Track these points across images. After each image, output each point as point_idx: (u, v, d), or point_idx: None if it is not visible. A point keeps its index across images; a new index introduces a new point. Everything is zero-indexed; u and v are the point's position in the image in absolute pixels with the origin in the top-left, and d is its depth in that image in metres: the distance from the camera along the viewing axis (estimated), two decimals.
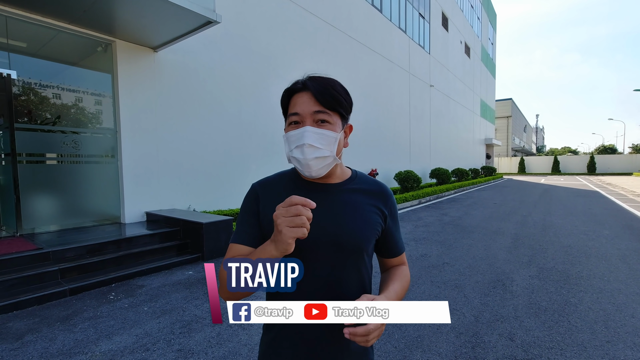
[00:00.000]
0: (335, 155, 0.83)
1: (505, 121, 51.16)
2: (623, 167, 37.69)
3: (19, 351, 2.44)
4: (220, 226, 4.87)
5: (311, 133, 0.80)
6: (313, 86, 0.81)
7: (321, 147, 0.80)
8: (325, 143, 0.81)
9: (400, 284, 0.90)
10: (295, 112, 0.82)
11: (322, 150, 0.80)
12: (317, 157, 0.80)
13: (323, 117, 0.81)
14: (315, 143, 0.79)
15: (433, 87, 18.13)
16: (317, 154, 0.80)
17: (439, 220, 7.84)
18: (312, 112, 0.81)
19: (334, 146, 0.83)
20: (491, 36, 32.49)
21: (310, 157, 0.80)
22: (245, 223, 0.88)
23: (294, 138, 0.82)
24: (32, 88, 4.91)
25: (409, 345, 2.50)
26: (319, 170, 0.82)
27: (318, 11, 9.59)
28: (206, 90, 6.57)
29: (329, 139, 0.81)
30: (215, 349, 2.46)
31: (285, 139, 0.85)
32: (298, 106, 0.82)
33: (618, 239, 5.85)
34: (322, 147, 0.80)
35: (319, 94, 0.81)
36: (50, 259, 3.74)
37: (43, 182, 4.84)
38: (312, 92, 0.81)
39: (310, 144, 0.79)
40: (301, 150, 0.80)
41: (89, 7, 4.33)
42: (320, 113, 0.81)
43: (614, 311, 3.02)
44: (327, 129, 0.81)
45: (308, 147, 0.79)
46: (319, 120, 0.81)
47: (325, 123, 0.82)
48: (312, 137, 0.79)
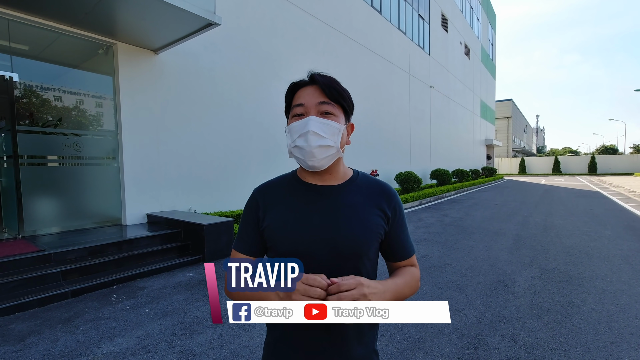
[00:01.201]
0: (338, 147, 0.83)
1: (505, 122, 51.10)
2: (624, 168, 37.57)
3: (21, 353, 2.44)
4: (222, 228, 4.87)
5: (315, 122, 0.80)
6: (320, 79, 0.83)
7: (325, 136, 0.80)
8: (329, 133, 0.81)
9: (404, 279, 0.86)
10: (300, 103, 0.83)
11: (326, 139, 0.80)
12: (321, 146, 0.80)
13: (328, 108, 0.82)
14: (319, 131, 0.80)
15: (433, 88, 18.13)
16: (321, 142, 0.80)
17: (440, 221, 7.82)
18: (317, 103, 0.82)
19: (337, 137, 0.83)
20: (491, 37, 32.50)
21: (314, 145, 0.80)
22: (245, 231, 0.89)
23: (297, 128, 0.82)
24: (34, 91, 4.93)
25: (411, 346, 2.49)
26: (322, 160, 0.82)
27: (318, 13, 9.62)
28: (207, 92, 6.59)
29: (332, 129, 0.82)
30: (217, 350, 2.46)
31: (288, 130, 0.85)
32: (303, 97, 0.83)
33: (620, 239, 5.82)
34: (326, 136, 0.81)
35: (325, 86, 0.82)
36: (52, 260, 3.75)
37: (45, 184, 4.86)
38: (319, 84, 0.82)
39: (315, 132, 0.79)
40: (305, 138, 0.80)
41: (91, 10, 4.35)
42: (325, 104, 0.82)
43: (617, 312, 3.00)
44: (332, 120, 0.82)
45: (312, 135, 0.79)
46: (324, 111, 0.82)
47: (330, 115, 0.83)
48: (316, 125, 0.80)
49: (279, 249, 0.84)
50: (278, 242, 0.85)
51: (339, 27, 10.52)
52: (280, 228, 0.85)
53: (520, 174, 40.75)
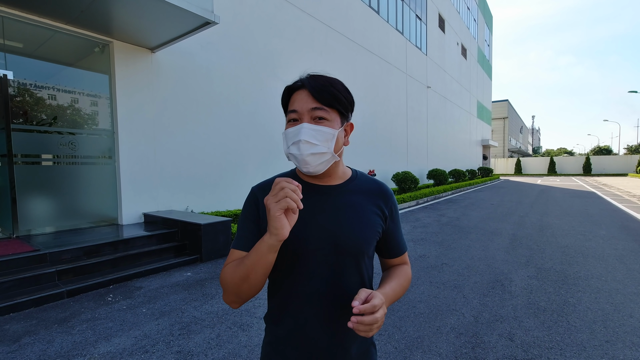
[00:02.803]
0: (333, 152, 0.83)
1: (501, 122, 51.43)
2: (618, 168, 37.96)
3: (17, 353, 2.41)
4: (219, 227, 4.85)
5: (307, 129, 0.80)
6: (310, 84, 0.82)
7: (317, 144, 0.80)
8: (322, 139, 0.81)
9: (398, 282, 0.90)
10: (294, 109, 0.83)
11: (318, 146, 0.80)
12: (314, 154, 0.80)
13: (320, 114, 0.81)
14: (311, 139, 0.79)
15: (430, 88, 18.20)
16: (313, 150, 0.80)
17: (437, 221, 7.85)
18: (309, 109, 0.81)
19: (331, 143, 0.82)
20: (487, 38, 32.67)
21: (306, 153, 0.80)
22: (245, 229, 0.89)
23: (291, 135, 0.82)
24: (28, 89, 4.88)
25: (409, 345, 2.50)
26: (317, 166, 0.82)
27: (315, 12, 9.61)
28: (204, 91, 6.56)
29: (325, 135, 0.81)
30: (215, 350, 2.44)
31: (284, 136, 0.85)
32: (296, 103, 0.82)
33: (615, 239, 5.88)
34: (318, 143, 0.80)
35: (316, 91, 0.81)
36: (47, 260, 3.71)
37: (39, 183, 4.80)
38: (309, 89, 0.81)
39: (307, 140, 0.79)
40: (297, 146, 0.80)
41: (87, 8, 4.31)
42: (318, 110, 0.81)
43: (612, 311, 3.03)
44: (324, 126, 0.81)
45: (304, 144, 0.79)
46: (317, 117, 0.81)
47: (323, 120, 0.82)
48: (308, 133, 0.79)
49: (281, 247, 0.84)
50: None
51: (336, 26, 10.52)
52: None
53: (516, 174, 41.05)
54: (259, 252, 0.73)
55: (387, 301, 0.80)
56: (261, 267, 0.74)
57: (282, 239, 0.70)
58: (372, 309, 0.70)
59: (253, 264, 0.74)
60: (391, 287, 0.87)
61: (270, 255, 0.73)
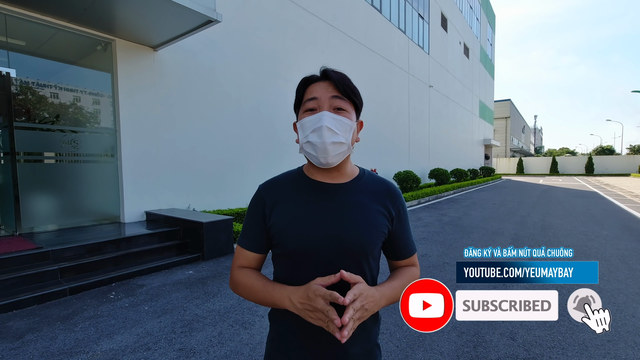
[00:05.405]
0: (350, 144, 0.83)
1: (503, 122, 51.27)
2: (621, 168, 37.81)
3: (20, 350, 2.43)
4: (220, 226, 4.86)
5: (329, 117, 0.80)
6: (333, 75, 0.83)
7: (338, 133, 0.80)
8: (342, 129, 0.81)
9: (400, 282, 0.88)
10: (314, 96, 0.82)
11: (339, 135, 0.80)
12: (334, 142, 0.80)
13: (340, 104, 0.82)
14: (332, 127, 0.80)
15: (432, 87, 18.16)
16: (334, 138, 0.80)
17: (439, 220, 7.84)
18: (330, 97, 0.81)
19: (349, 134, 0.83)
20: (490, 37, 32.54)
21: (328, 141, 0.79)
22: (250, 228, 0.89)
23: (310, 123, 0.81)
24: (30, 87, 4.89)
25: (411, 344, 2.50)
26: (334, 157, 0.82)
27: (318, 11, 9.59)
28: (206, 89, 6.56)
29: (345, 125, 0.81)
30: (217, 348, 2.45)
31: (300, 125, 0.84)
32: (316, 92, 0.83)
33: (617, 239, 5.86)
34: (339, 132, 0.80)
35: (338, 82, 0.82)
36: (50, 258, 3.72)
37: (42, 181, 4.82)
38: (333, 80, 0.82)
39: (329, 127, 0.79)
40: (319, 133, 0.79)
41: (90, 6, 4.32)
42: (338, 99, 0.82)
43: (614, 311, 3.02)
44: (344, 116, 0.82)
45: (326, 130, 0.79)
46: (336, 107, 0.82)
47: (342, 111, 0.82)
48: (330, 120, 0.80)
49: (287, 246, 0.84)
50: (286, 239, 0.84)
51: (339, 25, 10.50)
52: (288, 225, 0.84)
53: (518, 174, 40.93)
54: (273, 301, 0.81)
55: (383, 298, 0.81)
56: (272, 305, 0.83)
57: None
58: (351, 313, 0.71)
59: (264, 302, 0.83)
60: (391, 285, 0.86)
61: (282, 305, 0.80)
